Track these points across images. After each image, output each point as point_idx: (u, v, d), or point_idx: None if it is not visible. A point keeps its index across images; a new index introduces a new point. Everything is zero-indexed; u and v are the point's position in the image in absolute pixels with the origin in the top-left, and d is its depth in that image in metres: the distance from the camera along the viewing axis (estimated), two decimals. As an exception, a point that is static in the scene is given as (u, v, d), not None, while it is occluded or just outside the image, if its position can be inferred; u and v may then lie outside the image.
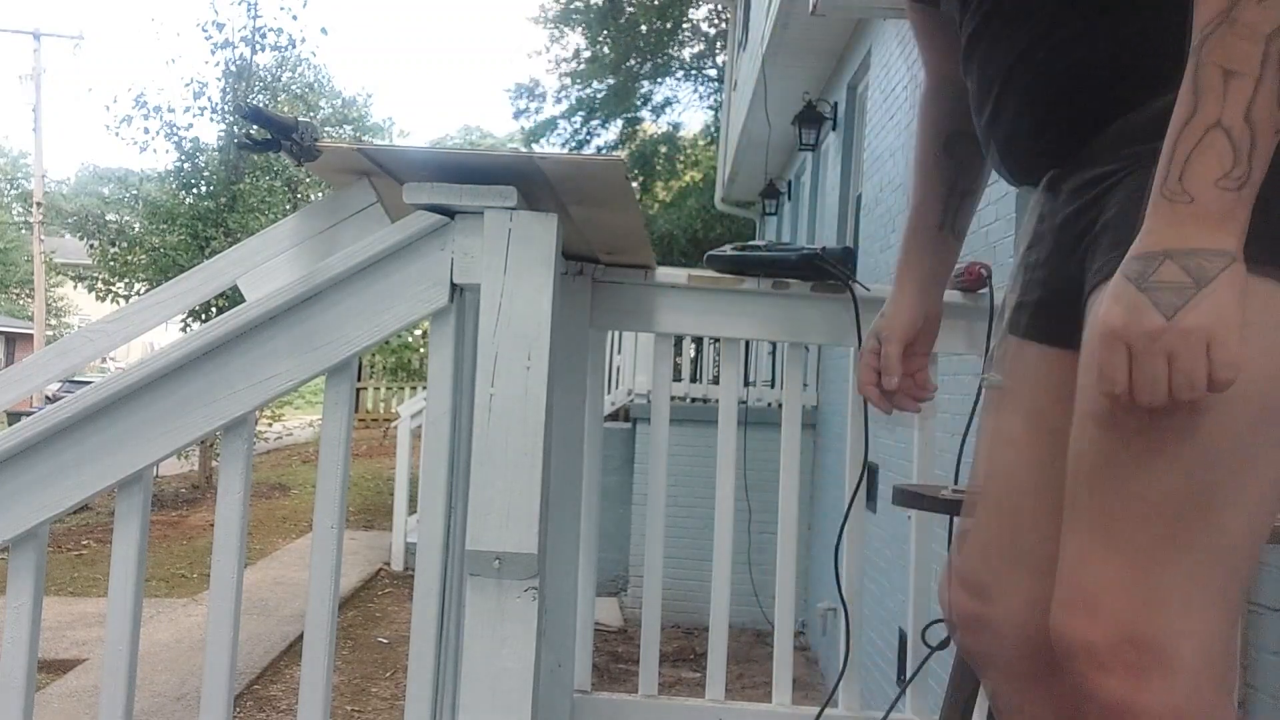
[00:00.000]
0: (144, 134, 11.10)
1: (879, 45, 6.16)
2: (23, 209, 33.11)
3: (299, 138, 1.36)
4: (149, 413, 1.29)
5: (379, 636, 6.05)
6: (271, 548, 8.30)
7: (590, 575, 1.98)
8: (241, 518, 1.34)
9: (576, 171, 1.27)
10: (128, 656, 1.32)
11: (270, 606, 6.21)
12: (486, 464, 1.21)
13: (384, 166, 1.39)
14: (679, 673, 5.88)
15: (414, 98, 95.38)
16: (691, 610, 5.95)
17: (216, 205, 11.03)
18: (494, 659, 1.22)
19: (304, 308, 1.28)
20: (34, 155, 26.66)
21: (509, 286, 1.22)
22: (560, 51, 21.61)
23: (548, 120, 21.67)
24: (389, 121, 34.43)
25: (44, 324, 24.66)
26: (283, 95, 12.53)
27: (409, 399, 10.88)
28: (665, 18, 19.63)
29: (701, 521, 5.01)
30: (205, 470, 10.86)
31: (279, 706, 4.75)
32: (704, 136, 21.48)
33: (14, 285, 35.40)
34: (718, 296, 1.87)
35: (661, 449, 2.04)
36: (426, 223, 1.26)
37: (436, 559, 1.31)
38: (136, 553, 1.32)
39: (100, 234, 11.30)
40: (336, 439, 1.34)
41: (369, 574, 7.47)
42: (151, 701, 4.47)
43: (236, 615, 1.34)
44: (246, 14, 11.30)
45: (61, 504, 1.30)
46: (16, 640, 1.31)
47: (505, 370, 1.21)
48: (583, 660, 1.98)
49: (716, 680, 1.98)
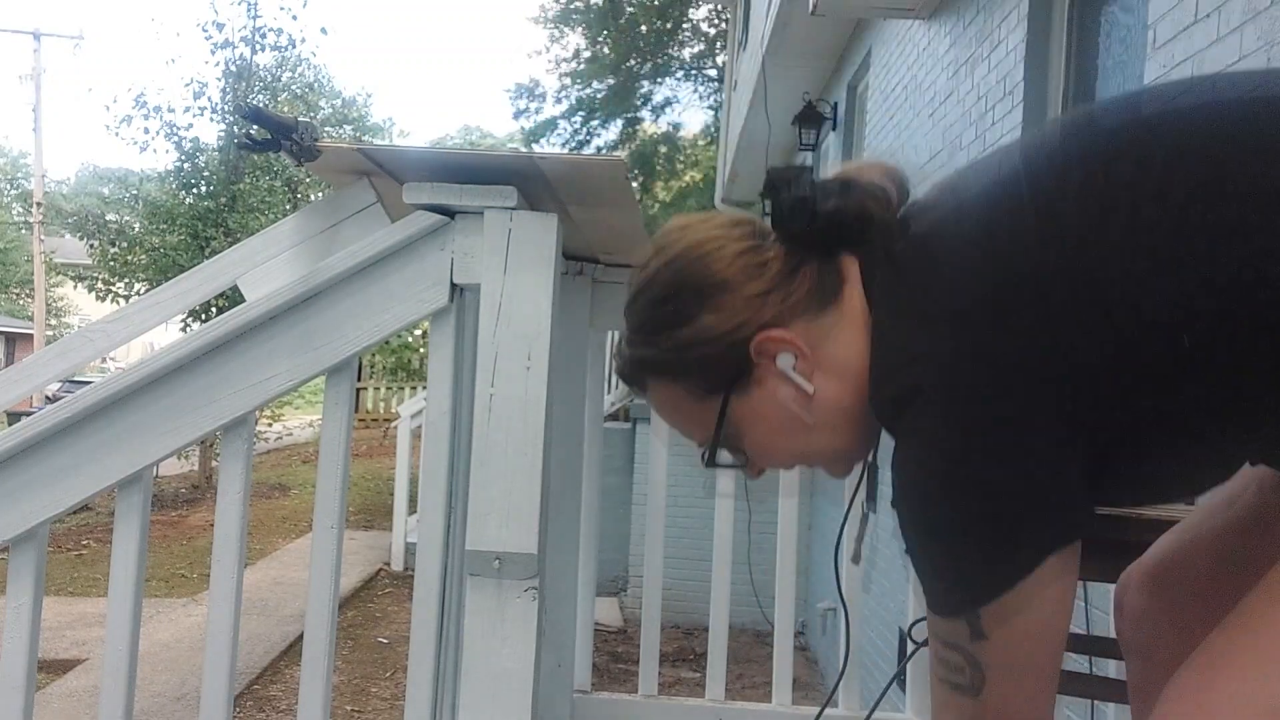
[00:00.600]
0: (144, 134, 11.13)
1: (879, 45, 6.16)
2: (23, 209, 33.10)
3: (299, 138, 1.36)
4: (149, 413, 1.29)
5: (379, 636, 6.05)
6: (271, 548, 8.30)
7: (590, 575, 1.98)
8: (241, 518, 1.34)
9: (576, 171, 1.27)
10: (128, 656, 1.32)
11: (270, 606, 6.21)
12: (486, 464, 1.21)
13: (384, 166, 1.38)
14: (679, 673, 5.88)
15: (414, 98, 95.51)
16: (691, 610, 5.95)
17: (216, 205, 11.03)
18: (494, 659, 1.22)
19: (304, 308, 1.28)
20: (34, 155, 26.68)
21: (509, 286, 1.22)
22: (560, 51, 21.65)
23: (548, 120, 21.70)
24: (389, 121, 34.49)
25: (44, 324, 24.66)
26: (283, 95, 12.54)
27: (409, 399, 10.88)
28: (665, 18, 19.65)
29: (701, 521, 5.01)
30: (205, 470, 10.86)
31: (279, 706, 4.74)
32: (704, 136, 21.48)
33: (14, 285, 35.41)
34: (718, 296, 1.87)
35: (661, 449, 2.04)
36: (426, 223, 1.26)
37: (436, 559, 1.31)
38: (136, 553, 1.32)
39: (100, 234, 11.31)
40: (336, 439, 1.34)
41: (369, 574, 7.46)
42: (151, 701, 4.47)
43: (236, 615, 1.33)
44: (246, 14, 11.32)
45: (61, 504, 1.30)
46: (16, 640, 1.31)
47: (505, 370, 1.21)
48: (583, 660, 1.98)
49: (716, 680, 1.98)
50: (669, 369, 0.95)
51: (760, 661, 5.72)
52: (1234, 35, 2.05)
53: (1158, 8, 2.40)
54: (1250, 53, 1.99)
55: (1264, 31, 1.94)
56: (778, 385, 0.92)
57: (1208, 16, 2.16)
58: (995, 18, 3.81)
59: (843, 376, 0.92)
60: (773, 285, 0.91)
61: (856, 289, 0.92)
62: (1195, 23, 2.21)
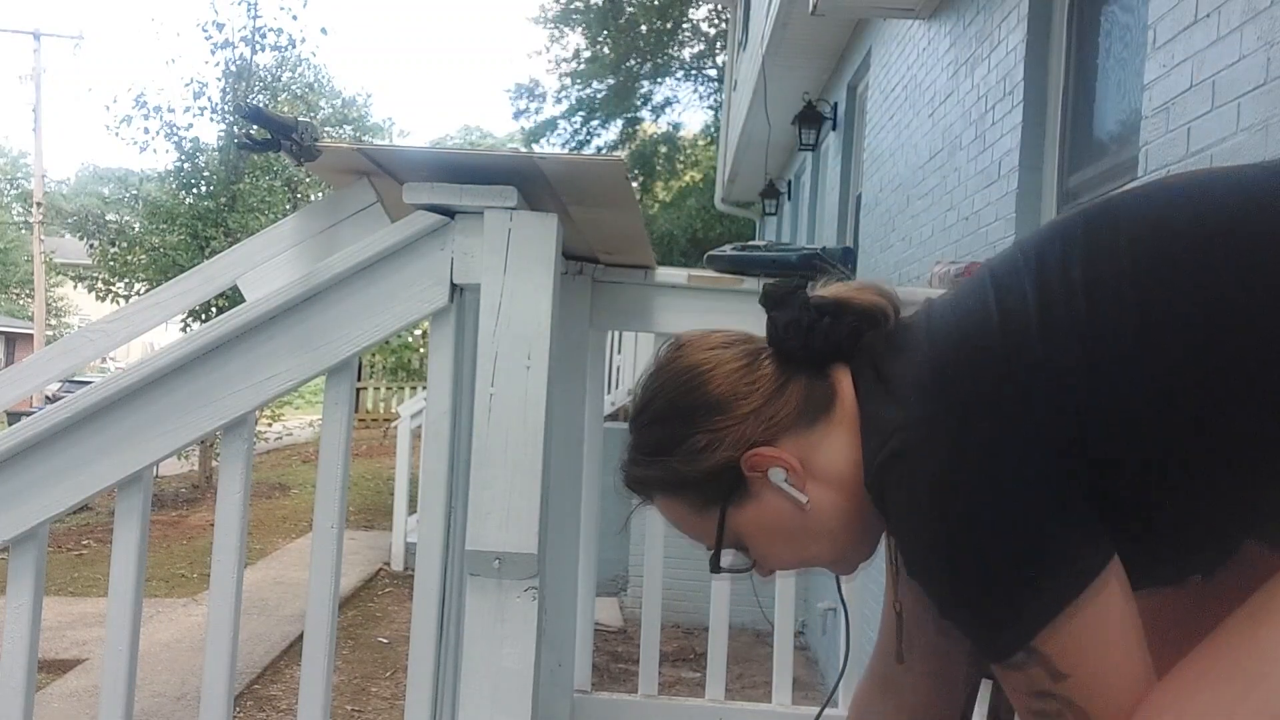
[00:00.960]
0: (144, 134, 11.10)
1: (879, 45, 6.16)
2: (23, 209, 33.12)
3: (299, 138, 1.36)
4: (149, 413, 1.29)
5: (379, 636, 6.05)
6: (271, 548, 8.29)
7: (590, 575, 1.98)
8: (241, 518, 1.34)
9: (576, 171, 1.27)
10: (128, 656, 1.32)
11: (270, 606, 6.21)
12: (486, 464, 1.21)
13: (384, 166, 1.38)
14: (679, 673, 5.88)
15: (414, 98, 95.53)
16: (691, 610, 5.95)
17: (216, 205, 11.02)
18: (494, 659, 1.22)
19: (304, 308, 1.28)
20: (34, 155, 26.69)
21: (509, 286, 1.22)
22: (560, 51, 21.64)
23: (548, 120, 21.70)
24: (389, 121, 34.50)
25: (44, 324, 24.67)
26: (283, 95, 12.53)
27: (409, 399, 10.87)
28: (665, 18, 19.65)
29: (701, 521, 4.99)
30: (205, 470, 10.85)
31: (279, 706, 4.74)
32: (704, 136, 21.48)
33: (14, 285, 35.41)
34: (718, 296, 1.87)
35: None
36: (426, 223, 1.26)
37: (436, 559, 1.31)
38: (136, 553, 1.32)
39: (100, 234, 11.30)
40: (336, 439, 1.34)
41: (369, 574, 7.46)
42: (151, 701, 4.47)
43: (236, 615, 1.33)
44: (246, 14, 11.29)
45: (62, 504, 1.30)
46: (16, 640, 1.31)
47: (505, 370, 1.21)
48: (583, 660, 1.98)
49: (716, 680, 1.97)
50: (668, 485, 1.01)
51: (760, 661, 5.72)
52: (1234, 35, 2.04)
53: (1158, 8, 2.40)
54: (1250, 53, 1.99)
55: (1264, 31, 1.94)
56: (773, 498, 0.97)
57: (1208, 16, 2.16)
58: (995, 18, 3.81)
59: (836, 483, 0.96)
60: (763, 402, 0.96)
61: (848, 398, 0.96)
62: (1195, 23, 2.21)
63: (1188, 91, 2.22)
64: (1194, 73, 2.20)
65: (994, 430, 0.83)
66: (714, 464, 0.96)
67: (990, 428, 0.83)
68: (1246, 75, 1.98)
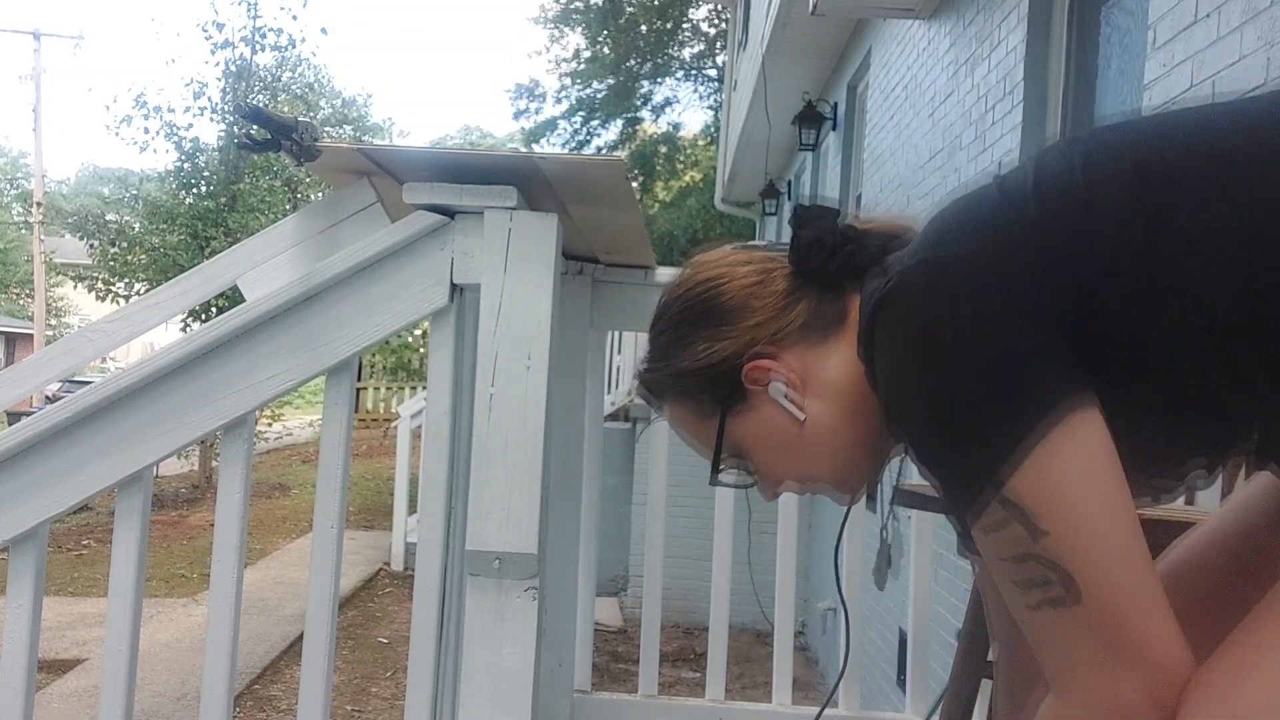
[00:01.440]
0: (144, 134, 11.12)
1: (879, 45, 6.16)
2: (23, 209, 33.11)
3: (299, 138, 1.36)
4: (149, 413, 1.29)
5: (379, 636, 6.05)
6: (271, 548, 8.30)
7: (590, 575, 1.98)
8: (241, 518, 1.34)
9: (576, 171, 1.27)
10: (128, 656, 1.32)
11: (270, 606, 6.21)
12: (486, 464, 1.21)
13: (384, 166, 1.39)
14: (679, 673, 5.88)
15: (414, 98, 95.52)
16: (691, 610, 5.95)
17: (216, 205, 11.03)
18: (494, 659, 1.22)
19: (304, 308, 1.28)
20: (34, 155, 26.70)
21: (509, 286, 1.22)
22: (560, 51, 21.63)
23: (548, 120, 21.68)
24: (389, 121, 34.47)
25: (44, 324, 24.67)
26: (283, 95, 12.53)
27: (409, 399, 10.87)
28: (665, 18, 19.64)
29: (701, 521, 5.01)
30: (205, 470, 10.85)
31: (279, 706, 4.74)
32: (704, 136, 21.48)
33: (14, 285, 35.41)
34: (718, 296, 1.87)
35: (661, 449, 2.04)
36: (426, 223, 1.26)
37: (436, 559, 1.31)
38: (136, 553, 1.32)
39: (100, 234, 11.31)
40: (336, 439, 1.34)
41: (369, 574, 7.46)
42: (151, 701, 4.47)
43: (236, 615, 1.33)
44: (246, 14, 11.30)
45: (62, 504, 1.30)
46: (16, 640, 1.31)
47: (505, 370, 1.21)
48: (583, 660, 1.98)
49: (716, 680, 1.98)
50: (673, 389, 1.04)
51: (760, 661, 5.73)
52: (1234, 35, 2.05)
53: (1158, 8, 2.40)
54: (1250, 53, 1.99)
55: (1264, 31, 1.94)
56: (773, 411, 0.99)
57: (1208, 16, 2.16)
58: (995, 18, 3.81)
59: (837, 399, 0.97)
60: (770, 315, 0.98)
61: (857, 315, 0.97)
62: (1195, 23, 2.21)
63: (1188, 91, 2.22)
64: (1194, 73, 2.21)
65: (983, 275, 0.83)
66: (717, 369, 0.99)
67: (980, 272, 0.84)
68: (1246, 75, 1.98)
